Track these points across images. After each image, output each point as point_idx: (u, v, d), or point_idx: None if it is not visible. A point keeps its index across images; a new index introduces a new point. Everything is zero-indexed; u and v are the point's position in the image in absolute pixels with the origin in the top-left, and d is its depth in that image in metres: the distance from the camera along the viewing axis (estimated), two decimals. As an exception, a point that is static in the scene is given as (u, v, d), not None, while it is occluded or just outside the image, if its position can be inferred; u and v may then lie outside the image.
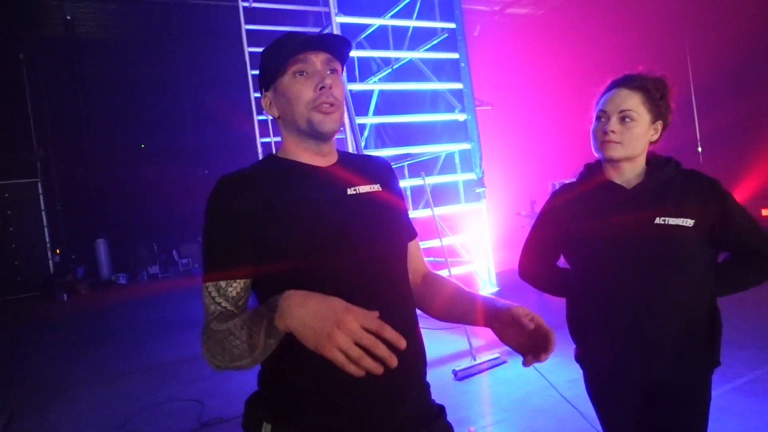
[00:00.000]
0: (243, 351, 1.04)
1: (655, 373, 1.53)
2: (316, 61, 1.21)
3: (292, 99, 1.20)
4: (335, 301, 0.91)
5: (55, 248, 13.49)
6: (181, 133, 15.04)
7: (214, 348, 1.08)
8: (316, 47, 1.21)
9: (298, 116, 1.21)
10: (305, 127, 1.21)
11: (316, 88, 1.19)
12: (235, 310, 1.15)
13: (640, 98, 1.54)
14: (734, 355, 3.88)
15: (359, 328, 0.89)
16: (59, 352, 6.82)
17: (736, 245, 1.57)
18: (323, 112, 1.19)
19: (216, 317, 1.13)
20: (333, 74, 1.22)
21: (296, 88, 1.20)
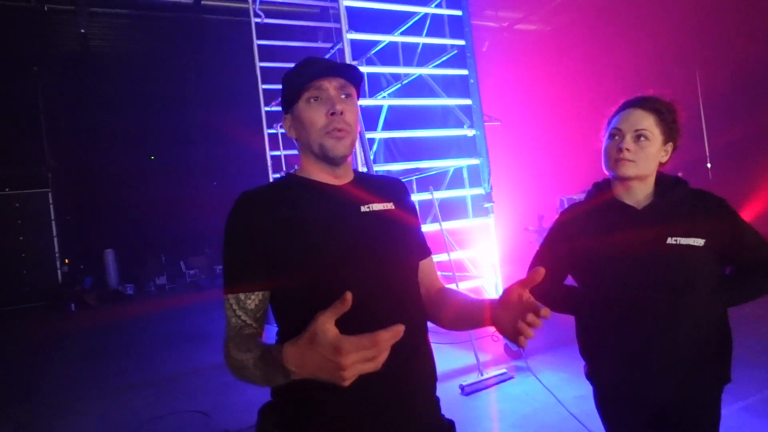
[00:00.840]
0: (260, 383, 1.10)
1: (666, 390, 1.53)
2: (329, 87, 1.25)
3: (306, 124, 1.26)
4: (324, 348, 0.90)
5: (64, 258, 13.58)
6: (190, 146, 15.17)
7: (233, 370, 1.14)
8: (330, 74, 1.26)
9: (311, 141, 1.27)
10: (318, 151, 1.27)
11: (327, 114, 1.24)
12: (253, 324, 1.21)
13: (654, 119, 1.56)
14: (746, 374, 3.84)
15: (356, 359, 0.90)
16: (66, 363, 6.84)
17: (746, 261, 1.59)
18: (335, 138, 1.24)
19: (235, 336, 1.18)
20: (346, 99, 1.27)
21: (309, 114, 1.26)
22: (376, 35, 5.71)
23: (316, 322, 0.91)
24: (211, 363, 5.84)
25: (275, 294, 1.24)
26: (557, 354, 4.69)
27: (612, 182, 1.67)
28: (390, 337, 0.90)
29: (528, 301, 1.05)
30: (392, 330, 0.90)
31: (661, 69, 11.58)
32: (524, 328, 1.04)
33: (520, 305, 1.06)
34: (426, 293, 1.40)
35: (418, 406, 1.24)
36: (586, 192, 1.76)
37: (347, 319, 1.17)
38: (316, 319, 0.92)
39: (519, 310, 1.07)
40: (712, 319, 1.56)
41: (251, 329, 1.21)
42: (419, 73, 5.68)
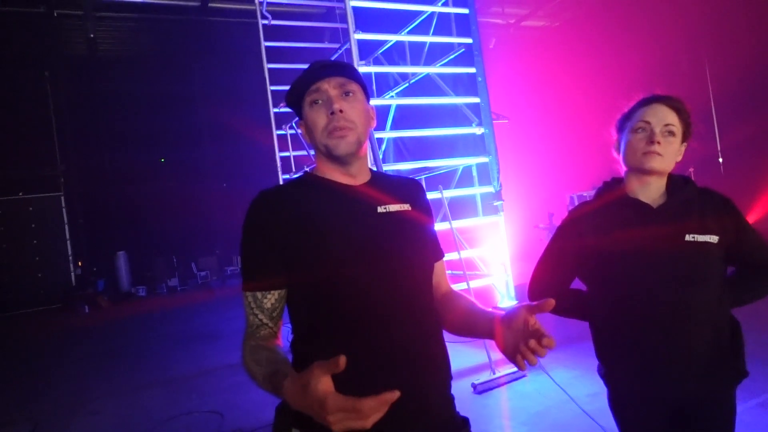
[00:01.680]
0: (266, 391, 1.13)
1: (686, 388, 1.53)
2: (328, 88, 1.27)
3: (311, 127, 1.30)
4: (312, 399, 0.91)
5: (77, 261, 13.73)
6: (199, 148, 15.26)
7: (247, 372, 1.18)
8: (326, 74, 1.28)
9: (318, 142, 1.30)
10: (325, 152, 1.29)
11: (327, 114, 1.26)
12: (269, 323, 1.24)
13: (677, 117, 1.57)
14: (760, 371, 3.81)
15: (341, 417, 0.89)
16: (81, 364, 6.92)
17: (749, 259, 1.63)
18: (336, 137, 1.26)
19: (252, 337, 1.22)
20: (348, 97, 1.29)
21: (312, 116, 1.29)
22: (383, 35, 5.72)
23: (311, 373, 0.92)
24: (224, 362, 5.88)
25: (290, 293, 1.25)
26: (569, 351, 4.67)
27: (627, 179, 1.66)
28: (374, 405, 0.88)
29: (534, 327, 1.06)
30: (380, 399, 0.89)
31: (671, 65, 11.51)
32: (527, 354, 1.05)
33: (525, 329, 1.08)
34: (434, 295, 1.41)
35: (431, 404, 1.25)
36: (596, 189, 1.75)
37: (361, 320, 1.19)
38: (312, 368, 0.92)
39: (523, 333, 1.08)
40: (723, 314, 1.57)
41: (267, 329, 1.23)
42: (427, 71, 5.68)
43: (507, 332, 1.12)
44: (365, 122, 1.31)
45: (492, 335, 1.21)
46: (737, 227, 1.57)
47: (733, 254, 1.58)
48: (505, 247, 5.36)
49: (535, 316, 1.10)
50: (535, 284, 1.75)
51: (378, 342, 1.20)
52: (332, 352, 1.17)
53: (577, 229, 1.66)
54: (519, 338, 1.07)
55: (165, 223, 14.23)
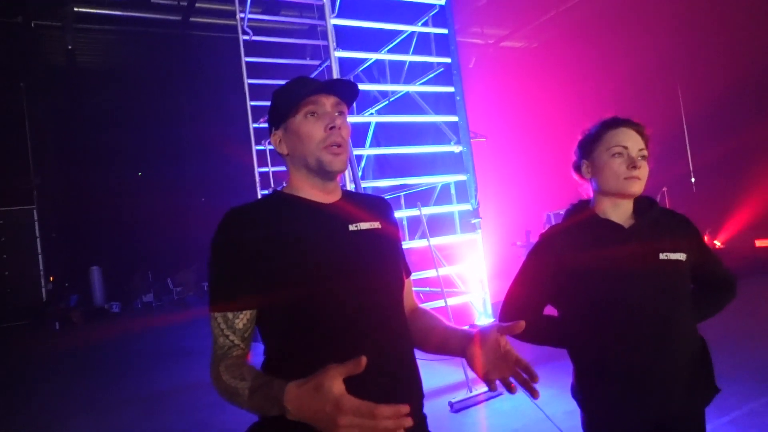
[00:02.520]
0: (250, 411, 1.10)
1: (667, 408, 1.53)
2: (327, 103, 1.28)
3: (303, 138, 1.27)
4: (326, 400, 0.91)
5: (48, 276, 13.41)
6: (178, 162, 15.11)
7: (223, 393, 1.14)
8: (327, 91, 1.28)
9: (308, 154, 1.27)
10: (315, 165, 1.27)
11: (326, 128, 1.26)
12: (241, 344, 1.20)
13: (644, 141, 1.61)
14: (729, 388, 3.87)
15: (353, 422, 0.90)
16: (52, 383, 6.73)
17: (709, 275, 1.70)
18: (333, 153, 1.25)
19: (224, 357, 1.18)
20: (341, 116, 1.30)
21: (308, 128, 1.26)
22: (364, 53, 5.78)
23: (326, 374, 0.92)
24: (199, 380, 5.77)
25: (261, 313, 1.23)
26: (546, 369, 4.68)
27: (597, 200, 1.67)
28: (390, 414, 0.90)
29: (506, 350, 1.07)
30: (395, 408, 0.90)
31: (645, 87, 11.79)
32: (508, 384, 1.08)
33: (497, 350, 1.09)
34: None
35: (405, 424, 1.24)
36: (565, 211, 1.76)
37: (335, 338, 1.19)
38: (327, 370, 0.93)
39: (495, 355, 1.09)
40: (695, 331, 1.61)
41: (239, 350, 1.20)
42: (406, 90, 5.73)
43: (477, 352, 1.13)
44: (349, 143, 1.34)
45: (464, 353, 1.21)
46: (699, 245, 1.64)
47: (696, 271, 1.63)
48: (482, 265, 5.39)
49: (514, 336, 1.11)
50: (509, 305, 1.72)
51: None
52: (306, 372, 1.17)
53: (552, 250, 1.65)
54: (491, 358, 1.08)
55: (141, 237, 14.00)
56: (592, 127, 1.67)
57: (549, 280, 1.65)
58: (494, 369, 1.14)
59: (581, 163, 1.68)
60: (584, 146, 1.68)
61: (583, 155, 1.68)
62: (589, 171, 1.66)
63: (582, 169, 1.68)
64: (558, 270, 1.62)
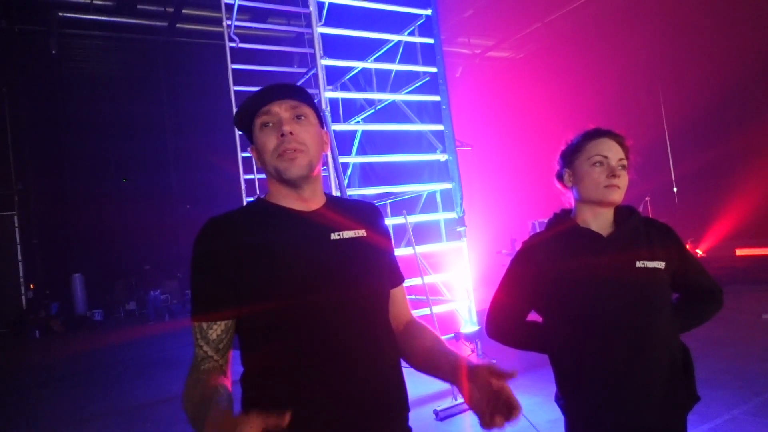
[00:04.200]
0: None
1: (645, 415, 1.55)
2: (280, 111, 1.25)
3: (261, 149, 1.26)
4: None
5: (29, 283, 13.19)
6: (163, 169, 15.00)
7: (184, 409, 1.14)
8: (276, 97, 1.26)
9: (268, 165, 1.26)
10: (275, 175, 1.25)
11: (278, 136, 1.23)
12: (214, 356, 1.18)
13: (624, 152, 1.64)
14: (711, 396, 3.92)
15: None
16: (31, 393, 6.61)
17: (690, 285, 1.70)
18: (287, 159, 1.22)
19: (195, 370, 1.18)
20: (300, 120, 1.26)
21: (262, 139, 1.25)
22: (351, 62, 5.79)
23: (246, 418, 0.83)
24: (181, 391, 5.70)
25: (241, 324, 1.21)
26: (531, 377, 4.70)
27: (578, 209, 1.70)
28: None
29: (499, 389, 1.06)
30: None
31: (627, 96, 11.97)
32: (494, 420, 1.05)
33: (489, 388, 1.08)
34: (395, 323, 1.38)
35: (388, 435, 1.23)
36: (547, 221, 1.79)
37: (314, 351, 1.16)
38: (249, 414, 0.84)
39: (488, 391, 1.08)
40: (675, 339, 1.62)
41: (211, 362, 1.18)
42: (392, 98, 5.76)
43: (470, 385, 1.12)
44: (318, 146, 1.28)
45: (456, 382, 1.18)
46: (680, 254, 1.64)
47: (678, 280, 1.64)
48: (468, 273, 5.40)
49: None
50: (494, 313, 1.76)
51: (334, 373, 1.17)
52: (286, 385, 1.16)
53: (532, 259, 1.69)
54: (484, 395, 1.08)
55: (125, 245, 13.86)
56: (575, 138, 1.71)
57: (530, 288, 1.69)
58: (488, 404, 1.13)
59: (563, 172, 1.72)
60: (566, 156, 1.71)
61: (565, 164, 1.71)
62: (570, 180, 1.69)
63: (564, 178, 1.72)
64: (538, 279, 1.66)
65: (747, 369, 4.56)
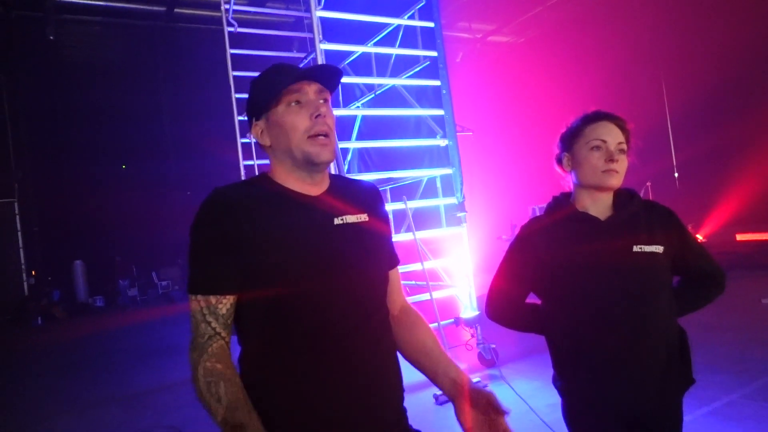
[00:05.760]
0: None
1: (640, 398, 1.56)
2: (309, 91, 1.23)
3: (287, 128, 1.22)
4: None
5: (30, 270, 13.23)
6: (163, 155, 14.97)
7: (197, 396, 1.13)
8: (310, 78, 1.24)
9: (294, 146, 1.22)
10: (301, 157, 1.22)
11: (311, 117, 1.21)
12: (222, 332, 1.16)
13: (623, 135, 1.62)
14: (709, 379, 3.93)
15: None
16: (32, 380, 6.65)
17: (692, 269, 1.69)
18: (320, 144, 1.21)
19: (204, 350, 1.15)
20: (325, 104, 1.26)
21: (291, 117, 1.21)
22: (350, 46, 5.74)
23: None
24: (183, 377, 5.73)
25: (240, 304, 1.20)
26: (530, 362, 4.73)
27: (577, 194, 1.69)
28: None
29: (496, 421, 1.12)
30: None
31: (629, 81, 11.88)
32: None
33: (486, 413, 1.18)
34: (390, 308, 1.38)
35: (385, 419, 1.24)
36: (547, 205, 1.78)
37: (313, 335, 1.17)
38: None
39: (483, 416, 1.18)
40: (672, 323, 1.62)
41: (220, 340, 1.15)
42: (392, 83, 5.71)
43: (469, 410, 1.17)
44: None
45: (453, 399, 1.29)
46: (681, 238, 1.63)
47: (678, 264, 1.63)
48: (468, 258, 5.40)
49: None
50: (493, 297, 1.78)
51: (333, 357, 1.17)
52: (285, 367, 1.16)
53: (531, 244, 1.69)
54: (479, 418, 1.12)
55: (125, 231, 13.86)
56: (574, 121, 1.69)
57: (528, 272, 1.70)
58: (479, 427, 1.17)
59: (562, 156, 1.71)
60: (565, 139, 1.70)
61: (565, 148, 1.70)
62: (569, 164, 1.69)
63: (563, 162, 1.71)
64: (536, 263, 1.67)
65: (746, 353, 4.57)
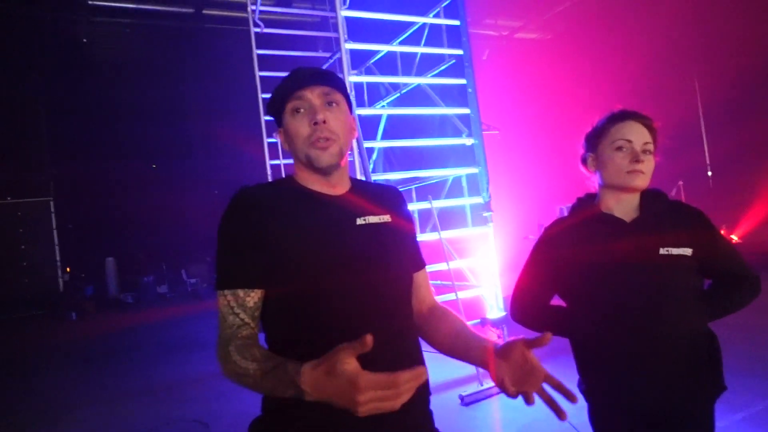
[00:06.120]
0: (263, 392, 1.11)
1: (663, 402, 1.53)
2: (312, 97, 1.25)
3: (292, 136, 1.27)
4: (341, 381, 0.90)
5: (65, 267, 13.59)
6: (191, 154, 15.21)
7: (232, 375, 1.12)
8: (310, 83, 1.25)
9: (299, 152, 1.27)
10: (306, 162, 1.27)
11: (310, 123, 1.24)
12: (251, 323, 1.18)
13: (649, 135, 1.59)
14: (745, 384, 3.83)
15: (373, 396, 0.89)
16: (65, 372, 6.83)
17: (722, 271, 1.64)
18: (319, 148, 1.23)
19: (234, 337, 1.15)
20: (331, 107, 1.26)
21: (294, 125, 1.26)
22: (375, 45, 5.74)
23: (337, 355, 0.91)
24: (210, 371, 5.82)
25: (266, 304, 1.22)
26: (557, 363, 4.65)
27: (602, 194, 1.66)
28: (410, 378, 0.89)
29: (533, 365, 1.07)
30: (413, 372, 0.90)
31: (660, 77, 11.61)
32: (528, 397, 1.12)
33: (523, 363, 1.08)
34: (417, 308, 1.39)
35: (411, 421, 1.23)
36: (571, 205, 1.75)
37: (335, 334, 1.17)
38: (337, 351, 0.92)
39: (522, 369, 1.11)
40: (700, 327, 1.58)
41: (249, 330, 1.18)
42: (417, 82, 5.69)
43: (503, 364, 1.13)
44: (347, 133, 1.29)
45: (485, 365, 1.21)
46: (710, 239, 1.58)
47: (708, 266, 1.59)
48: (494, 258, 5.36)
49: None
50: (518, 297, 1.77)
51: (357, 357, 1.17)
52: None
53: (554, 245, 1.67)
54: (516, 372, 1.08)
55: (155, 229, 14.12)
56: (599, 120, 1.66)
57: (552, 273, 1.68)
58: (519, 383, 1.13)
59: (587, 156, 1.68)
60: (590, 139, 1.68)
61: (589, 148, 1.68)
62: (594, 164, 1.66)
63: (588, 162, 1.68)
64: (559, 265, 1.65)
65: (782, 358, 4.44)
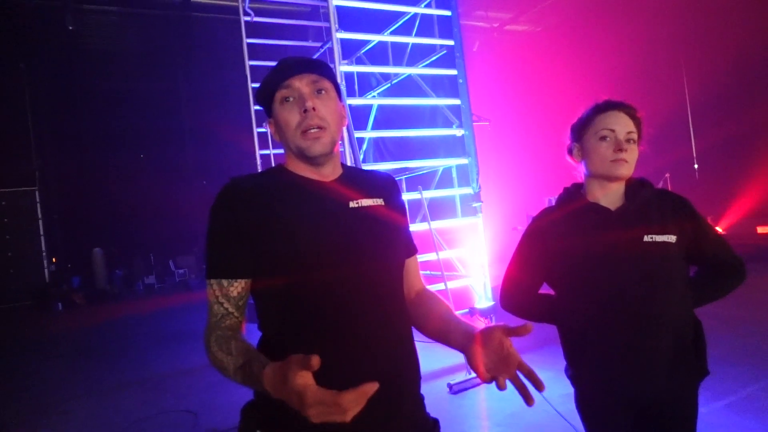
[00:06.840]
0: (235, 381, 1.12)
1: (650, 387, 1.56)
2: (300, 85, 1.25)
3: (282, 125, 1.27)
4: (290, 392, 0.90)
5: (51, 257, 13.46)
6: (180, 144, 15.09)
7: (212, 363, 1.17)
8: (298, 71, 1.25)
9: (290, 141, 1.26)
10: (297, 152, 1.26)
11: (300, 112, 1.23)
12: (235, 312, 1.21)
13: (633, 124, 1.60)
14: (727, 372, 3.90)
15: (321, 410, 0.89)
16: (53, 363, 6.79)
17: (708, 258, 1.67)
18: (310, 138, 1.23)
19: (217, 327, 1.19)
20: (320, 94, 1.26)
21: (284, 114, 1.25)
22: (366, 35, 5.72)
23: (288, 366, 0.91)
24: (200, 362, 5.82)
25: (258, 291, 1.23)
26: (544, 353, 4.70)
27: (588, 184, 1.68)
28: (353, 399, 0.88)
29: (509, 352, 1.07)
30: (358, 392, 0.89)
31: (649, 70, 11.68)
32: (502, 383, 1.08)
33: (501, 351, 1.08)
34: (407, 293, 1.40)
35: (403, 405, 1.25)
36: (558, 196, 1.77)
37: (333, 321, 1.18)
38: (289, 362, 0.91)
39: (498, 355, 1.08)
40: (686, 313, 1.61)
41: (233, 318, 1.20)
42: (408, 72, 5.69)
43: (479, 350, 1.12)
44: (338, 121, 1.29)
45: (464, 349, 1.18)
46: (695, 226, 1.60)
47: (693, 254, 1.62)
48: (483, 249, 5.39)
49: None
50: (507, 288, 1.79)
51: (349, 342, 1.18)
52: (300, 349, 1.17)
53: (541, 235, 1.69)
54: (492, 358, 1.08)
55: (143, 220, 14.02)
56: (585, 111, 1.68)
57: (540, 262, 1.71)
58: (494, 368, 1.12)
59: (573, 147, 1.70)
60: (576, 130, 1.70)
61: (575, 138, 1.70)
62: (579, 154, 1.68)
63: (573, 153, 1.70)
64: (547, 254, 1.68)
65: (764, 346, 4.53)
